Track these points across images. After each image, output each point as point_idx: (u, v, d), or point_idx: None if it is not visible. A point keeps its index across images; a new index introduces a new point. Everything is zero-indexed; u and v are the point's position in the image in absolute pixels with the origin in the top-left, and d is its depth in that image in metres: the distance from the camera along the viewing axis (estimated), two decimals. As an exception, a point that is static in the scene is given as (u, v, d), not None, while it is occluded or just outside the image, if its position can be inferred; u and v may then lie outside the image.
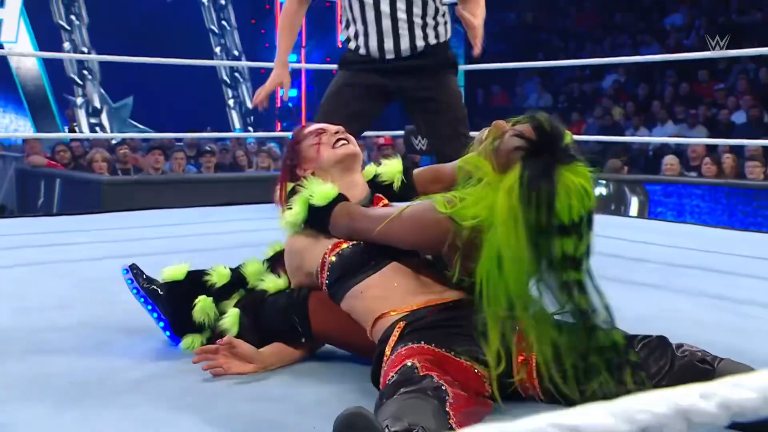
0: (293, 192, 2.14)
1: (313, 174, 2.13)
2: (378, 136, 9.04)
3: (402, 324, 1.81)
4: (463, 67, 6.12)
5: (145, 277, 2.31)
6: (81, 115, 14.62)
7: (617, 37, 13.83)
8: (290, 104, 16.79)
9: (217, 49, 16.02)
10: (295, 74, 16.35)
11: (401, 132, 6.11)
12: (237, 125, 16.00)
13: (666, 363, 1.69)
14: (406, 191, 2.27)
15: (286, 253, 2.14)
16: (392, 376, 1.59)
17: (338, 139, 2.18)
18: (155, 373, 2.04)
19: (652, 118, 11.46)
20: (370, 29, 3.12)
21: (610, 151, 8.63)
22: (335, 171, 2.15)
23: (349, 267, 1.96)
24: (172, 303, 2.24)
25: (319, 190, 2.03)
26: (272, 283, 2.19)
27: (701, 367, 1.67)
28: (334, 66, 3.31)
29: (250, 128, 15.92)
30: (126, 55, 6.23)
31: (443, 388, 1.52)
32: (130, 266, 2.33)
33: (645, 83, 12.49)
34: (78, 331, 2.41)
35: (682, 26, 13.53)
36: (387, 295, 1.90)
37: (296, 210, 2.04)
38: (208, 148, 8.50)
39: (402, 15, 3.08)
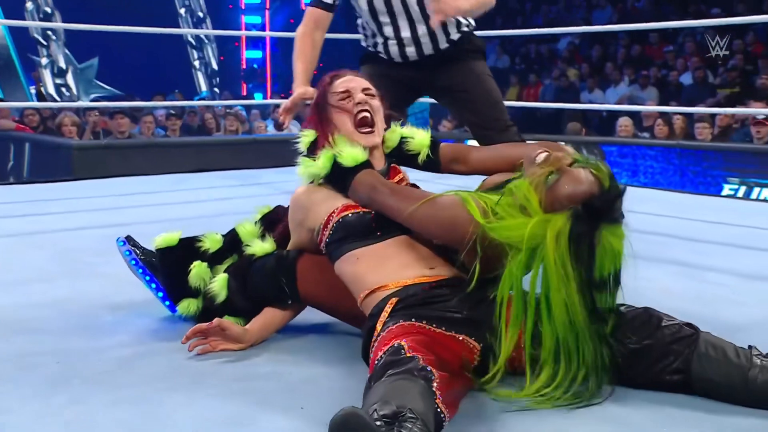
0: (314, 143, 2.12)
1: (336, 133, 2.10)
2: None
3: (394, 300, 1.81)
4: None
5: (141, 248, 2.27)
6: (46, 75, 14.26)
7: (571, -1, 13.80)
8: (255, 66, 16.55)
9: (182, 11, 15.67)
10: (260, 37, 16.13)
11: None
12: (203, 86, 15.74)
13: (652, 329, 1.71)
14: (430, 164, 2.22)
15: (291, 206, 2.11)
16: (380, 357, 1.58)
17: (361, 118, 2.09)
18: (142, 351, 2.01)
19: (606, 79, 11.49)
20: (391, 42, 2.98)
21: (567, 112, 8.66)
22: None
23: (353, 231, 1.95)
24: (167, 269, 2.20)
25: (348, 151, 2.02)
26: (259, 247, 2.16)
27: (686, 330, 1.70)
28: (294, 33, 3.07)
29: (216, 89, 15.68)
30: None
31: (429, 369, 1.51)
32: (126, 238, 2.28)
33: (599, 45, 12.49)
34: (62, 308, 2.36)
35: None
36: (381, 266, 1.89)
37: (321, 163, 2.03)
38: (172, 111, 8.34)
39: (422, 29, 2.92)
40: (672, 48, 11.70)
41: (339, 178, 2.02)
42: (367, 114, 2.09)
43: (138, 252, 2.25)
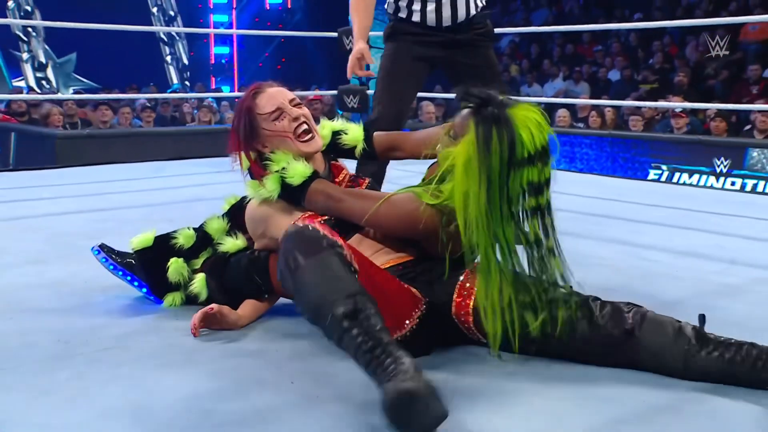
0: (261, 159, 2.01)
1: (272, 152, 1.99)
2: (309, 94, 8.84)
3: None
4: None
5: (116, 252, 2.20)
6: (27, 69, 13.92)
7: (511, 2, 13.82)
8: (223, 61, 16.32)
9: (154, 9, 15.35)
10: (228, 34, 15.91)
11: (334, 91, 5.97)
12: (174, 79, 15.47)
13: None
14: (367, 155, 2.16)
15: (248, 220, 2.03)
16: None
17: (302, 131, 1.99)
18: (136, 329, 1.95)
19: (544, 74, 11.55)
20: (429, 6, 2.85)
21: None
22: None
23: None
24: (146, 268, 2.14)
25: (293, 169, 1.93)
26: (231, 244, 2.10)
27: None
28: (263, 31, 2.98)
29: (187, 82, 15.42)
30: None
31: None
32: (99, 246, 2.21)
33: (536, 44, 12.56)
34: (58, 289, 2.29)
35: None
36: None
37: (270, 187, 1.94)
38: (148, 104, 8.16)
39: None
40: (601, 48, 11.82)
41: (291, 195, 1.94)
42: (305, 124, 2.00)
43: (114, 256, 2.18)
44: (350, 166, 2.26)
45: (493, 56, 3.00)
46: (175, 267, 2.10)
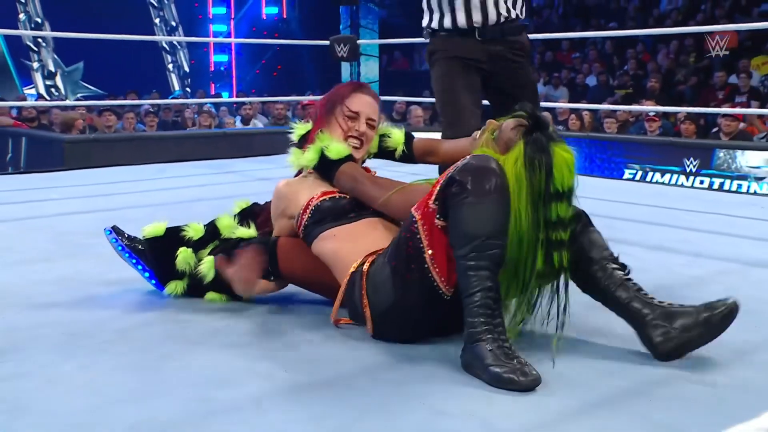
0: (305, 135, 2.10)
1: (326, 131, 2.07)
2: (302, 100, 8.83)
3: (370, 258, 1.81)
4: (377, 41, 6.02)
5: (126, 235, 2.20)
6: (38, 78, 13.89)
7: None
8: (222, 68, 16.30)
9: (157, 20, 15.32)
10: (227, 43, 15.89)
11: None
12: (176, 86, 15.44)
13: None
14: (405, 158, 2.22)
15: (274, 197, 2.07)
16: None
17: (353, 137, 2.06)
18: (138, 322, 1.95)
19: (524, 80, 11.55)
20: (458, 6, 2.66)
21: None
22: None
23: (330, 213, 1.94)
24: (155, 255, 2.14)
25: (334, 146, 2.00)
26: (244, 231, 2.12)
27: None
28: (260, 40, 2.92)
29: (188, 89, 15.39)
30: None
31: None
32: (112, 227, 2.21)
33: (518, 51, 12.58)
34: (64, 284, 2.29)
35: (544, 5, 13.71)
36: (356, 241, 1.87)
37: (310, 156, 2.02)
38: (151, 109, 8.13)
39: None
40: (579, 55, 11.85)
41: (325, 168, 2.01)
42: (360, 140, 2.08)
43: (124, 239, 2.19)
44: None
45: (531, 75, 2.84)
46: (184, 256, 2.11)
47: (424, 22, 2.80)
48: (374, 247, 1.84)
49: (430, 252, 1.65)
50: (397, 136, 2.21)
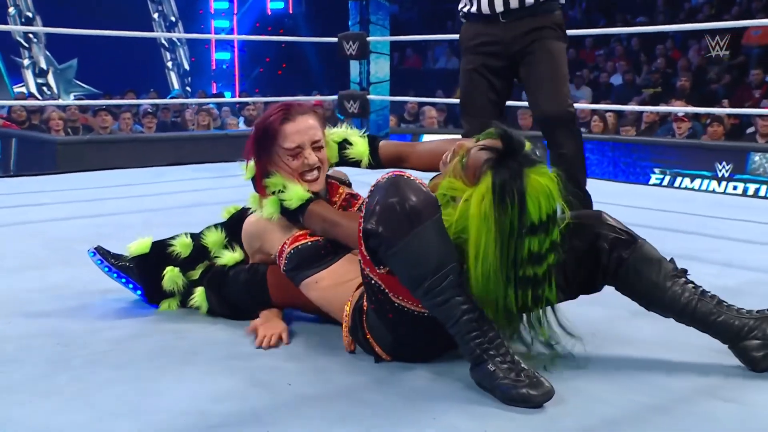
0: (266, 175, 2.01)
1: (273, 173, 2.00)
2: (309, 100, 8.87)
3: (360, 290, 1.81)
4: (388, 38, 6.05)
5: (111, 254, 2.23)
6: (29, 76, 13.97)
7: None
8: (224, 66, 16.38)
9: (155, 15, 15.42)
10: (229, 40, 15.98)
11: (334, 96, 6.00)
12: (176, 85, 15.52)
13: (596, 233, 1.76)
14: (373, 166, 2.17)
15: (245, 235, 2.07)
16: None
17: (309, 175, 2.00)
18: (134, 332, 1.98)
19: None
20: None
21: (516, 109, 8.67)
22: None
23: (305, 260, 1.92)
24: (143, 274, 2.17)
25: (291, 192, 1.95)
26: (229, 257, 2.13)
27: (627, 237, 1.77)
28: (264, 36, 3.00)
29: (188, 88, 15.48)
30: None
31: None
32: (95, 248, 2.24)
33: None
34: (57, 292, 2.32)
35: (567, 2, 13.69)
36: (340, 284, 1.87)
37: (269, 210, 1.96)
38: (149, 110, 8.20)
39: None
40: (602, 52, 11.85)
41: (289, 217, 1.97)
42: (315, 173, 2.00)
43: (109, 259, 2.21)
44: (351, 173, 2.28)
45: (556, 58, 2.87)
46: (170, 276, 2.13)
47: (459, 6, 3.01)
48: (357, 283, 1.84)
49: (392, 294, 1.68)
50: (360, 146, 2.15)
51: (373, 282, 1.69)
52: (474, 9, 2.90)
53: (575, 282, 1.77)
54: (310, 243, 1.94)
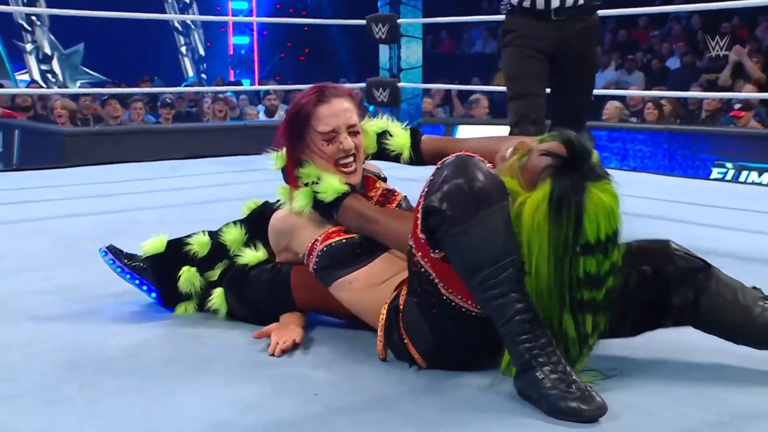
0: (299, 165, 2.02)
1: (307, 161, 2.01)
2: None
3: (403, 291, 1.81)
4: (421, 20, 6.05)
5: (124, 254, 2.25)
6: (31, 61, 14.14)
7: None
8: (243, 51, 16.47)
9: (168, -5, 15.57)
10: (248, 23, 16.07)
11: (362, 84, 6.01)
12: (190, 72, 15.65)
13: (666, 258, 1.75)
14: (414, 162, 2.17)
15: (272, 231, 2.08)
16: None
17: (346, 163, 2.00)
18: (147, 338, 2.01)
19: (594, 64, 11.47)
20: None
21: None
22: None
23: (338, 259, 1.92)
24: (158, 275, 2.19)
25: (326, 185, 1.95)
26: (251, 256, 2.14)
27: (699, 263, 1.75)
28: (285, 19, 3.15)
29: (203, 75, 15.60)
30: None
31: None
32: (107, 248, 2.26)
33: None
34: (65, 295, 2.35)
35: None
36: (375, 286, 1.87)
37: (301, 202, 1.97)
38: (167, 100, 8.27)
39: None
40: (658, 32, 11.72)
41: (323, 211, 1.98)
42: (351, 159, 2.01)
43: (122, 259, 2.24)
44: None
45: (595, 59, 3.32)
46: (187, 276, 2.15)
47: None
48: (393, 285, 1.85)
49: (442, 284, 1.67)
50: (400, 137, 2.15)
51: (422, 270, 1.69)
52: (527, 3, 3.15)
53: (638, 315, 1.75)
54: (344, 240, 1.94)
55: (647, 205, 3.93)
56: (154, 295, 2.22)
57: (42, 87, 12.21)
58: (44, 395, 1.65)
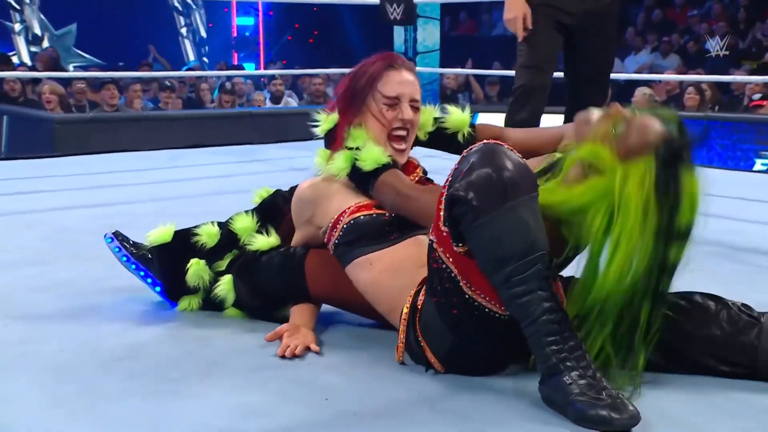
0: (334, 129, 2.09)
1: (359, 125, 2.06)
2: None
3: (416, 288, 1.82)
4: (439, 0, 6.05)
5: (131, 242, 2.28)
6: (20, 43, 14.17)
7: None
8: (247, 33, 16.48)
9: (168, -27, 15.60)
10: (252, 2, 16.07)
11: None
12: (191, 55, 15.67)
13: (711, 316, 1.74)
14: (466, 146, 2.20)
15: (296, 201, 2.10)
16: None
17: (399, 136, 2.05)
18: (149, 338, 2.03)
19: (627, 46, 11.43)
20: None
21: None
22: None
23: (366, 234, 1.93)
24: (164, 267, 2.22)
25: (369, 153, 1.98)
26: (263, 241, 2.17)
27: (747, 319, 1.73)
28: None
29: (205, 59, 15.62)
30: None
31: None
32: (113, 234, 2.29)
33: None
34: (61, 291, 2.38)
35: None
36: (396, 270, 1.88)
37: (339, 165, 2.00)
38: (168, 83, 8.29)
39: None
40: (697, 12, 11.66)
41: (359, 179, 2.00)
42: (405, 133, 2.06)
43: (128, 246, 2.26)
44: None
45: (614, 32, 3.43)
46: (195, 269, 2.17)
47: None
48: (417, 275, 1.85)
49: (464, 281, 1.68)
50: (459, 115, 2.19)
51: (443, 266, 1.69)
52: None
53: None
54: (375, 216, 1.95)
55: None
56: (158, 289, 2.24)
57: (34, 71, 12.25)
58: (41, 398, 1.67)
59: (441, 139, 2.20)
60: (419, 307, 1.78)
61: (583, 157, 1.68)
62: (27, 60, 13.67)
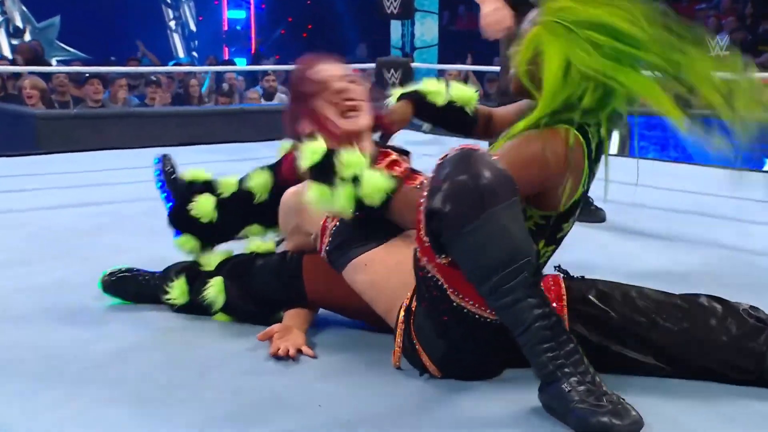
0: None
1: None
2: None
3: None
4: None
5: (174, 173, 2.39)
6: (1, 36, 14.15)
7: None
8: (238, 27, 16.47)
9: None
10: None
11: (372, 64, 6.03)
12: (180, 51, 15.65)
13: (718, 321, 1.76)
14: (465, 124, 2.25)
15: (282, 211, 2.12)
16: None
17: (348, 107, 2.12)
18: (137, 342, 2.03)
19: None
20: None
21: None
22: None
23: (353, 235, 1.94)
24: (184, 197, 2.30)
25: (369, 182, 1.85)
26: (259, 245, 2.19)
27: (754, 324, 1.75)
28: None
29: (194, 53, 15.60)
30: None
31: None
32: (162, 156, 2.42)
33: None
34: (45, 294, 2.39)
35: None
36: (394, 267, 1.88)
37: (343, 204, 1.87)
38: (153, 78, 8.28)
39: None
40: (705, 6, 11.68)
41: (371, 213, 1.88)
42: (354, 103, 2.15)
43: (168, 171, 2.39)
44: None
45: None
46: (203, 203, 2.27)
47: None
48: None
49: (451, 290, 1.69)
50: (467, 90, 2.23)
51: (429, 275, 1.71)
52: None
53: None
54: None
55: (692, 200, 3.94)
56: (169, 205, 2.33)
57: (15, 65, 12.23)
58: (21, 406, 1.67)
59: (449, 114, 2.24)
60: (412, 309, 1.80)
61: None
62: (8, 53, 13.65)
